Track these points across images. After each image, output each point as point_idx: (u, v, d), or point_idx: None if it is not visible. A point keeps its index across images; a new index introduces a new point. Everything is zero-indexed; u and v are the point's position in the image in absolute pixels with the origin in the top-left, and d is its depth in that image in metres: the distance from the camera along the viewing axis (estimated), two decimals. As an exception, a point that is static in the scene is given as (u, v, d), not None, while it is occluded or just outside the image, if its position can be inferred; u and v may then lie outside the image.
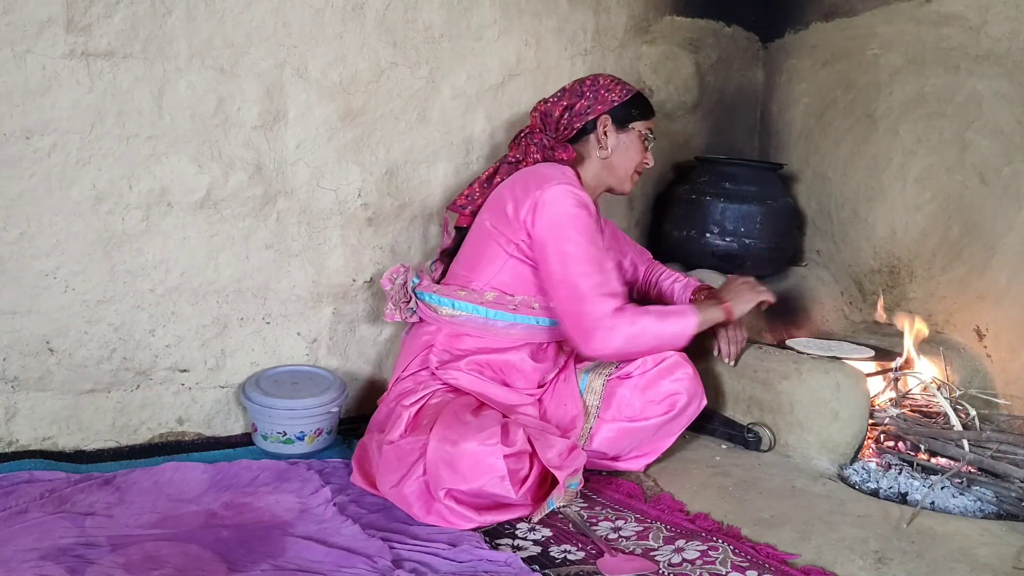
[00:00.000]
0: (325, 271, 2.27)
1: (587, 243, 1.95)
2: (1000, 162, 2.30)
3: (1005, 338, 2.29)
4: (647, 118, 2.17)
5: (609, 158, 2.13)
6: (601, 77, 2.17)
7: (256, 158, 2.14)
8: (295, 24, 2.14)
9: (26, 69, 1.87)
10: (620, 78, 2.19)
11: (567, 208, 1.95)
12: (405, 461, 1.77)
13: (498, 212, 2.03)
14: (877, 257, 2.65)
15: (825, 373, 2.11)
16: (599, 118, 2.11)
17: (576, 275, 1.93)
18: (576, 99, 2.13)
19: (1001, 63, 2.27)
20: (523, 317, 2.04)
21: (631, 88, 2.16)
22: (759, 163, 2.85)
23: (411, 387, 1.97)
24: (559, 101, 2.14)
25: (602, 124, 2.11)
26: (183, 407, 2.14)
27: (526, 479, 1.76)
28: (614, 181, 2.18)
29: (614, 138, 2.12)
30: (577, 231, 1.94)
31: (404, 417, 1.86)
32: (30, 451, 1.97)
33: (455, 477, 1.70)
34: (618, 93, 2.13)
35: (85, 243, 1.98)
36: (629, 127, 2.14)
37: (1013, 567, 1.54)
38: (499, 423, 1.77)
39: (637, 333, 1.94)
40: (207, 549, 1.55)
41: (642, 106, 2.17)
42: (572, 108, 2.13)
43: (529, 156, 2.11)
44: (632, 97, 2.14)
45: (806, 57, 2.86)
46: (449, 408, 1.84)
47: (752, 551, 1.62)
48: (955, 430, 2.04)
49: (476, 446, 1.70)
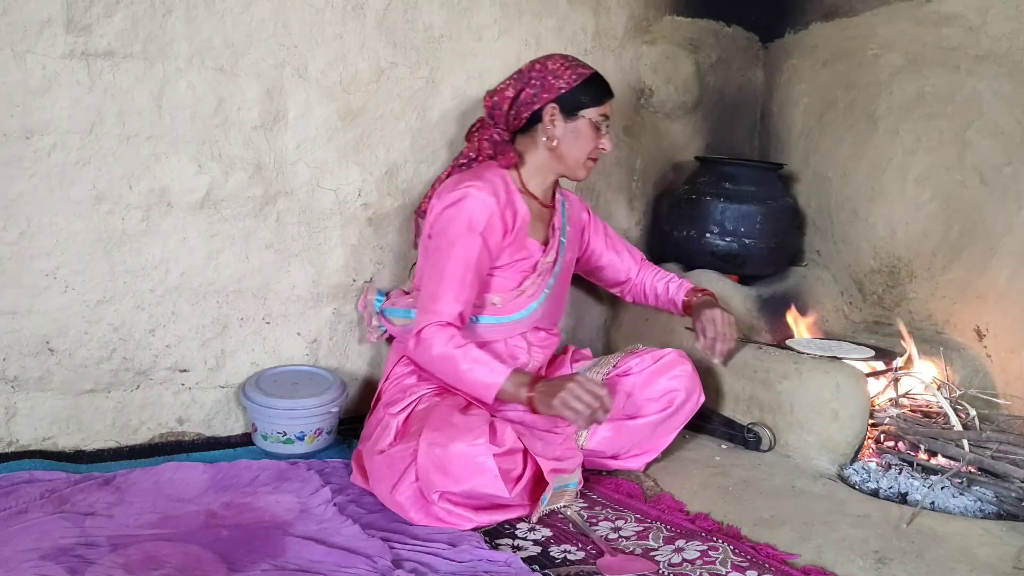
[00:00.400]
0: (325, 271, 2.27)
1: (458, 253, 1.93)
2: (1000, 162, 2.30)
3: (1005, 338, 2.29)
4: (600, 103, 2.05)
5: (557, 148, 2.05)
6: (551, 61, 2.05)
7: (256, 158, 2.14)
8: (295, 24, 2.14)
9: (26, 69, 1.87)
10: (573, 59, 2.07)
11: (440, 219, 1.98)
12: (396, 469, 1.77)
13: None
14: (877, 257, 2.65)
15: (825, 373, 2.11)
16: (545, 107, 2.03)
17: (434, 271, 1.94)
18: (523, 86, 2.03)
19: (1001, 63, 2.27)
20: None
21: (582, 72, 2.03)
22: (759, 163, 2.85)
23: (396, 395, 1.97)
24: (506, 91, 2.05)
25: (548, 114, 2.02)
26: (183, 407, 2.14)
27: (520, 478, 1.75)
28: (564, 170, 2.09)
29: (561, 127, 2.02)
30: (454, 236, 1.94)
31: (392, 426, 1.86)
32: (30, 451, 1.97)
33: (447, 480, 1.70)
34: (566, 79, 2.01)
35: (85, 243, 1.98)
36: (578, 115, 2.03)
37: (1013, 567, 1.54)
38: (486, 422, 1.77)
39: (445, 358, 1.88)
40: (207, 549, 1.55)
41: (593, 91, 2.04)
42: (519, 98, 2.03)
43: (482, 153, 2.09)
44: (581, 83, 2.02)
45: (806, 57, 2.86)
46: (436, 411, 1.83)
47: (752, 551, 1.62)
48: (955, 430, 2.05)
49: (465, 447, 1.70)
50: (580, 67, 2.05)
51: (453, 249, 1.93)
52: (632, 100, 2.79)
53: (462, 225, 1.94)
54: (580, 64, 2.06)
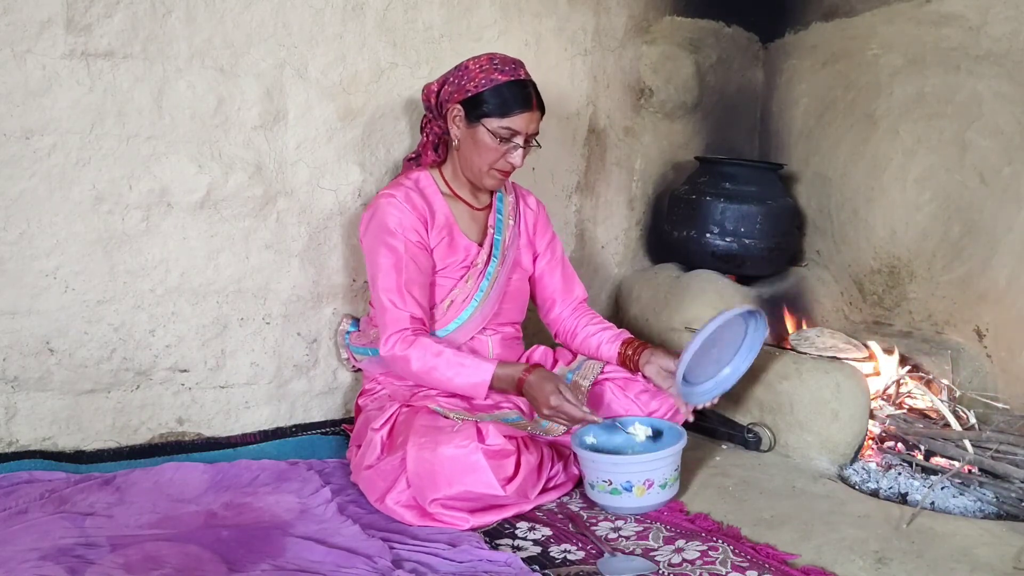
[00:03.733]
0: (325, 271, 2.27)
1: (384, 262, 1.93)
2: (1000, 162, 2.30)
3: (1005, 338, 2.29)
4: (507, 114, 1.91)
5: (460, 150, 2.01)
6: (478, 61, 1.95)
7: (256, 158, 2.14)
8: (295, 24, 2.14)
9: (26, 69, 1.87)
10: (504, 63, 1.94)
11: (369, 222, 1.99)
12: (388, 479, 1.78)
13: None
14: (877, 257, 2.65)
15: (825, 373, 2.11)
16: (452, 107, 1.96)
17: (375, 293, 1.96)
18: (445, 82, 1.98)
19: (1001, 63, 2.27)
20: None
21: (499, 78, 1.91)
22: (759, 163, 2.85)
23: (376, 411, 1.96)
24: (433, 84, 2.02)
25: (452, 114, 1.96)
26: (183, 407, 2.14)
27: (512, 477, 1.75)
28: (470, 175, 2.02)
29: (462, 131, 1.96)
30: (371, 247, 1.96)
31: (376, 441, 1.86)
32: (30, 451, 1.96)
33: (439, 485, 1.70)
34: (477, 82, 1.91)
35: (85, 243, 1.98)
36: (479, 122, 1.93)
37: (1013, 567, 1.54)
38: (472, 424, 1.77)
39: (421, 373, 1.89)
40: (207, 549, 1.55)
41: (500, 101, 1.91)
42: (439, 94, 2.00)
43: (427, 146, 2.07)
44: (492, 89, 1.90)
45: (806, 57, 2.86)
46: (419, 419, 1.83)
47: (752, 551, 1.62)
48: (955, 430, 2.05)
49: (453, 449, 1.70)
50: (500, 72, 1.92)
51: (379, 258, 1.95)
52: (632, 100, 2.79)
53: (381, 232, 1.96)
54: (502, 70, 1.92)
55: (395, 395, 2.00)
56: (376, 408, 1.98)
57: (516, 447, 1.77)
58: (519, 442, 1.80)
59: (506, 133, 1.93)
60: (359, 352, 2.15)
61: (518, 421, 1.92)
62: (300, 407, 2.27)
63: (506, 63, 1.95)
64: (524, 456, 1.78)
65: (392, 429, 1.88)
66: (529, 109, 1.93)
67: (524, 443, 1.81)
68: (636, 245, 2.88)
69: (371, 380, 2.11)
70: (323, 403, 2.30)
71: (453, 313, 2.02)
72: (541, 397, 1.83)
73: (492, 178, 2.01)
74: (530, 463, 1.79)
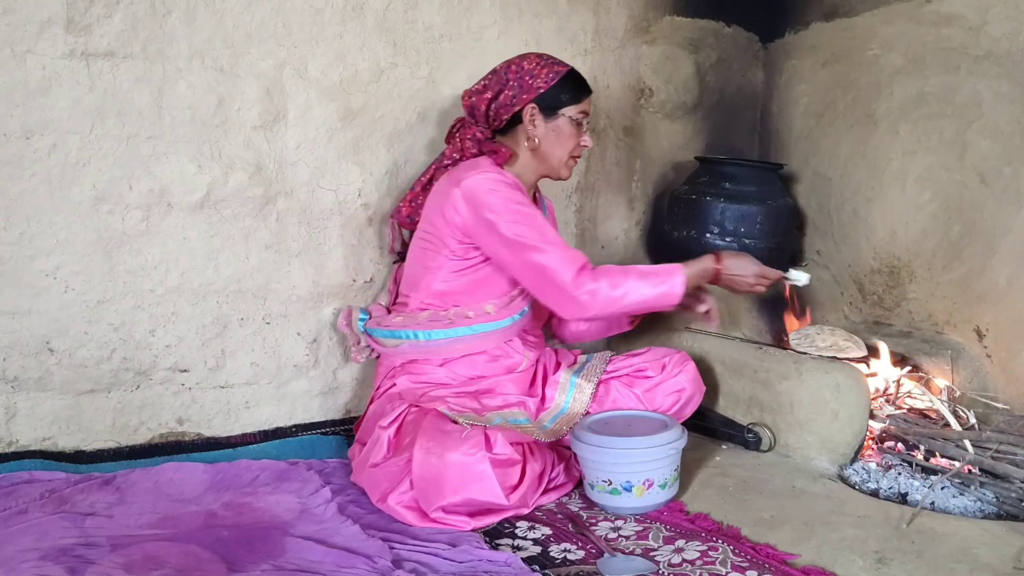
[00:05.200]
0: (325, 271, 2.27)
1: (524, 219, 1.91)
2: (1000, 162, 2.30)
3: (1005, 338, 2.29)
4: (579, 100, 2.05)
5: (539, 148, 2.05)
6: (526, 60, 2.04)
7: (256, 158, 2.14)
8: (295, 24, 2.14)
9: (26, 69, 1.87)
10: (549, 57, 2.07)
11: (488, 194, 1.92)
12: (392, 479, 1.77)
13: (429, 223, 2.03)
14: (877, 257, 2.65)
15: (825, 373, 2.11)
16: (525, 108, 2.02)
17: (529, 253, 1.90)
18: (501, 87, 2.03)
19: (1001, 63, 2.27)
20: (461, 330, 2.00)
21: (559, 68, 2.03)
22: (759, 163, 2.85)
23: (386, 408, 1.95)
24: (483, 92, 2.05)
25: (528, 114, 2.03)
26: (183, 407, 2.14)
27: (517, 486, 1.75)
28: (547, 170, 2.10)
29: (542, 128, 2.03)
30: (509, 211, 1.91)
31: (383, 439, 1.85)
32: (30, 451, 1.97)
33: (444, 491, 1.70)
34: (544, 78, 2.01)
35: (85, 243, 1.98)
36: (559, 114, 2.03)
37: (1013, 567, 1.54)
38: (481, 432, 1.77)
39: (619, 296, 1.90)
40: (207, 549, 1.55)
41: (572, 88, 2.04)
42: (497, 99, 2.03)
43: (466, 152, 2.07)
44: (560, 80, 2.02)
45: (806, 57, 2.86)
46: (428, 421, 1.82)
47: (752, 551, 1.62)
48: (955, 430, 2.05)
49: (460, 456, 1.70)
50: (556, 64, 2.04)
51: (522, 215, 1.91)
52: (632, 100, 2.79)
53: (514, 196, 1.93)
54: (556, 62, 2.05)
55: (405, 394, 1.99)
56: (387, 403, 1.97)
57: (522, 454, 1.78)
58: (524, 449, 1.80)
59: (582, 118, 2.05)
60: (386, 336, 2.08)
61: (524, 425, 1.92)
62: (300, 407, 2.27)
63: (550, 57, 2.07)
64: (529, 464, 1.79)
65: (400, 428, 1.87)
66: (590, 91, 2.09)
67: (530, 450, 1.82)
68: (636, 245, 2.88)
69: (386, 377, 2.06)
70: (323, 403, 2.30)
71: (517, 307, 2.04)
72: (747, 272, 2.00)
73: (568, 168, 2.11)
74: (534, 471, 1.80)
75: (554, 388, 2.07)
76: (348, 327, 2.18)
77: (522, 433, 1.86)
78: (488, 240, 1.94)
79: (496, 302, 2.03)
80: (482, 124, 2.08)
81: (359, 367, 2.34)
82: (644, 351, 2.18)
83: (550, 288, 1.91)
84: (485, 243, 1.95)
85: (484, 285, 2.02)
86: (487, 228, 1.92)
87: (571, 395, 2.05)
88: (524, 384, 2.07)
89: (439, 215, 1.99)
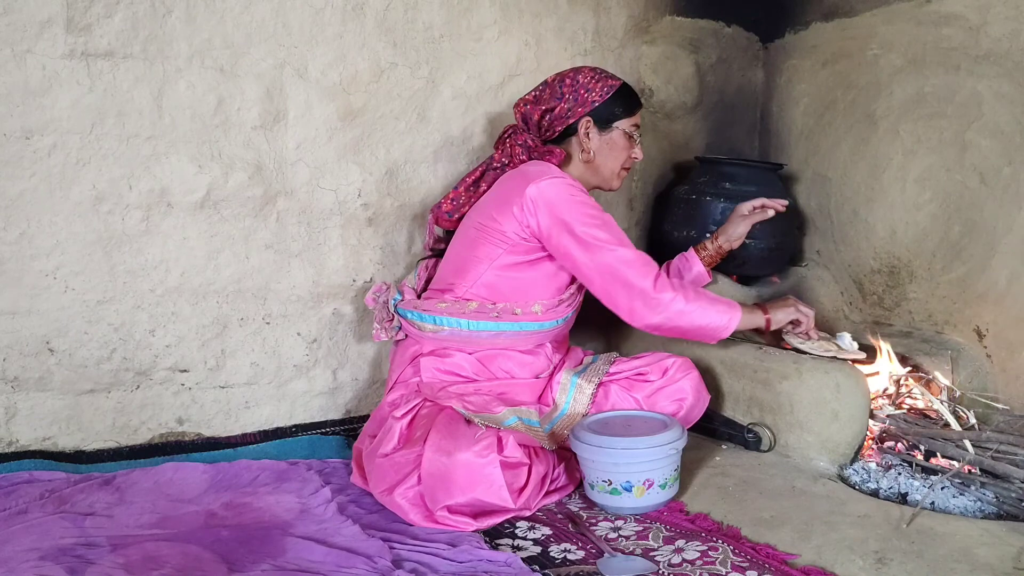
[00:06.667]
0: (325, 271, 2.27)
1: (600, 223, 1.95)
2: (1000, 162, 2.30)
3: (1005, 338, 2.29)
4: (632, 113, 2.11)
5: (593, 160, 2.10)
6: (581, 75, 2.09)
7: (256, 158, 2.14)
8: (295, 24, 2.14)
9: (26, 69, 1.87)
10: (602, 71, 2.12)
11: (565, 196, 1.94)
12: (400, 472, 1.77)
13: (488, 216, 2.02)
14: (877, 257, 2.65)
15: (825, 373, 2.10)
16: (580, 121, 2.07)
17: (604, 256, 1.93)
18: (556, 101, 2.07)
19: (1001, 63, 2.27)
20: (507, 324, 2.01)
21: (613, 83, 2.09)
22: (759, 163, 2.85)
23: (402, 397, 1.96)
24: (537, 104, 2.09)
25: (583, 127, 2.07)
26: (183, 407, 2.14)
27: (523, 488, 1.76)
28: (599, 181, 2.15)
29: (597, 140, 2.08)
30: (585, 214, 1.94)
31: (396, 429, 1.85)
32: (30, 451, 1.97)
33: (451, 491, 1.70)
34: (599, 92, 2.06)
35: (85, 243, 1.98)
36: (612, 127, 2.09)
37: (1013, 567, 1.54)
38: (494, 433, 1.77)
39: (688, 311, 1.93)
40: (207, 549, 1.56)
41: (626, 102, 2.10)
42: (552, 111, 2.08)
43: (515, 158, 2.09)
44: (614, 94, 2.07)
45: (806, 57, 2.86)
46: (441, 417, 1.83)
47: (752, 551, 1.62)
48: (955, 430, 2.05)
49: (471, 456, 1.71)
50: (611, 79, 2.09)
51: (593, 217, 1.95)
52: (632, 100, 2.79)
53: (580, 197, 1.97)
54: (610, 76, 2.10)
55: (423, 388, 1.98)
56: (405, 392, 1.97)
57: (528, 456, 1.79)
58: (531, 452, 1.81)
59: (634, 131, 2.11)
60: (427, 320, 2.01)
61: (535, 427, 1.92)
62: (300, 407, 2.27)
63: (602, 71, 2.12)
64: (535, 467, 1.80)
65: (412, 421, 1.88)
66: (641, 104, 2.15)
67: (535, 452, 1.83)
68: (636, 245, 2.86)
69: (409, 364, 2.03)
70: (323, 403, 2.30)
71: (562, 311, 2.06)
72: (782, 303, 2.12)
73: (620, 179, 2.16)
74: (539, 473, 1.81)
75: (555, 389, 2.08)
76: (378, 303, 2.11)
77: (532, 436, 1.87)
78: (560, 241, 1.95)
79: (544, 303, 2.03)
80: (533, 132, 2.11)
81: (359, 367, 2.34)
82: (646, 354, 2.16)
83: (621, 290, 1.94)
84: (556, 244, 1.96)
85: (536, 284, 2.03)
86: (562, 228, 1.94)
87: (571, 396, 2.05)
88: (539, 390, 2.08)
89: (504, 210, 1.98)
